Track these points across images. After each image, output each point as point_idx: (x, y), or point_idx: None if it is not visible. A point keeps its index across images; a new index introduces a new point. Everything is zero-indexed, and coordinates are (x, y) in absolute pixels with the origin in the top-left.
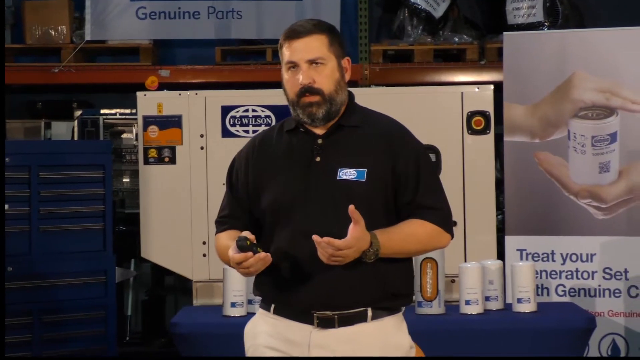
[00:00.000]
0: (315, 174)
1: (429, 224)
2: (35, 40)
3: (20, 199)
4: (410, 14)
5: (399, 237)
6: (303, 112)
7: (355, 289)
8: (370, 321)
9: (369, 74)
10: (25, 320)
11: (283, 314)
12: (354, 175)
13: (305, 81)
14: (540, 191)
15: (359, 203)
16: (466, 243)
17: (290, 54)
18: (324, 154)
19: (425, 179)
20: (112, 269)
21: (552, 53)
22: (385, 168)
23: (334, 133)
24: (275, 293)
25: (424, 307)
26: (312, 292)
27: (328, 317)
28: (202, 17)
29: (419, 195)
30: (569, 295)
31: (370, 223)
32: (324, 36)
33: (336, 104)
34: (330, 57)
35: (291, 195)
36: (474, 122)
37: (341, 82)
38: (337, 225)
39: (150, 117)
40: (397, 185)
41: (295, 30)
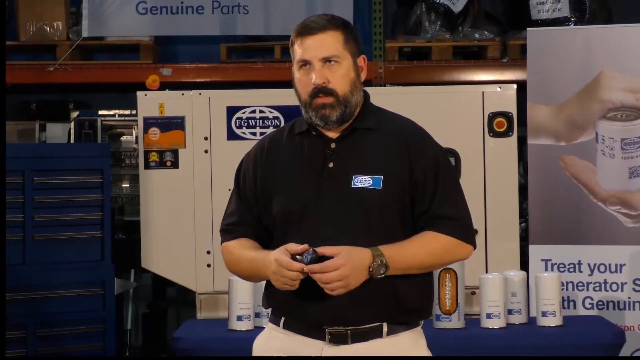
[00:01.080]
0: (328, 181)
1: (443, 236)
2: (29, 37)
3: (14, 205)
4: (428, 8)
5: (408, 250)
6: (316, 115)
7: (369, 303)
8: (386, 337)
9: (384, 72)
10: (18, 335)
11: (293, 329)
12: (369, 182)
13: (319, 81)
14: (566, 197)
15: (374, 212)
16: (487, 253)
17: (303, 52)
18: (337, 159)
19: (444, 187)
20: (110, 280)
21: (579, 50)
22: (402, 174)
23: (347, 137)
24: (285, 306)
25: (442, 321)
26: (323, 307)
27: (341, 333)
28: (206, 12)
29: (436, 204)
30: (597, 308)
31: (386, 233)
32: (338, 32)
33: (351, 106)
34: (345, 55)
35: (302, 203)
36: (495, 124)
37: (356, 83)
38: (350, 237)
39: (151, 118)
40: (414, 193)
41: (307, 26)
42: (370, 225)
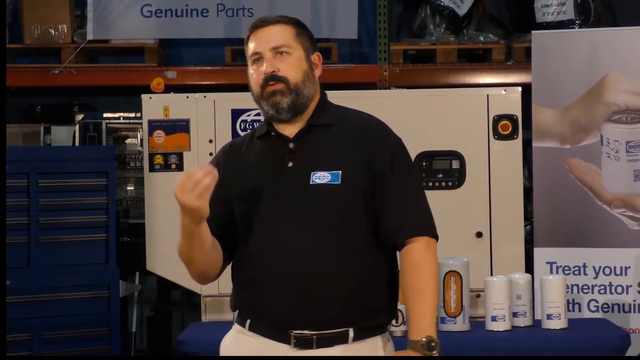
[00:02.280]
0: (288, 180)
1: (416, 248)
2: (34, 40)
3: (19, 208)
4: (433, 11)
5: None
6: (267, 103)
7: (336, 305)
8: (352, 342)
9: (388, 75)
10: (23, 337)
11: (259, 331)
12: (328, 178)
13: (269, 69)
14: (571, 200)
15: (335, 207)
16: (492, 255)
17: (256, 45)
18: (296, 158)
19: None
20: (115, 282)
21: (584, 53)
22: (360, 168)
23: (305, 134)
24: (250, 308)
25: (447, 324)
26: (288, 309)
27: (306, 337)
28: (210, 15)
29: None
30: (602, 311)
31: (349, 229)
32: (289, 26)
33: (303, 96)
34: (296, 46)
35: (263, 204)
36: (500, 127)
37: (309, 75)
38: (311, 236)
39: (156, 121)
40: (373, 185)
41: (260, 20)
42: (332, 221)
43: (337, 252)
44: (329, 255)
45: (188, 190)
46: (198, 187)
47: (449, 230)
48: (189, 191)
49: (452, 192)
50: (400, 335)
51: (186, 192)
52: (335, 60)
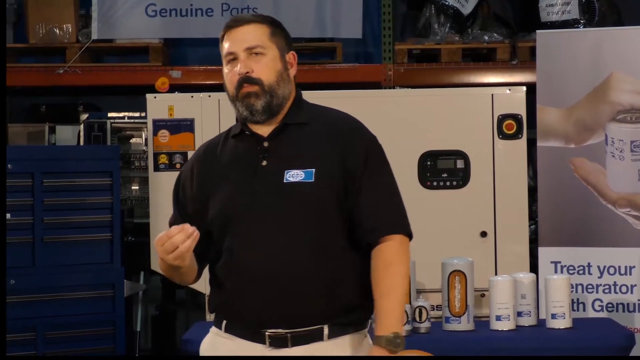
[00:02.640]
0: (262, 179)
1: (388, 248)
2: (39, 40)
3: (23, 207)
4: (437, 11)
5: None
6: (242, 105)
7: (309, 303)
8: (327, 340)
9: (393, 74)
10: (28, 337)
11: (235, 332)
12: (302, 176)
13: (243, 70)
14: (575, 200)
15: (309, 205)
16: (497, 255)
17: (230, 45)
18: (270, 157)
19: (373, 175)
20: (120, 282)
21: (588, 53)
22: (334, 165)
23: (280, 133)
24: (225, 309)
25: (451, 323)
26: (262, 308)
27: (280, 336)
28: (215, 15)
29: (366, 193)
30: (607, 311)
31: (323, 228)
32: (264, 26)
33: (277, 97)
34: (271, 46)
35: (238, 203)
36: (505, 126)
37: (284, 75)
38: (287, 235)
39: (161, 120)
40: (347, 183)
41: (234, 20)
42: (306, 219)
43: (311, 250)
44: (302, 254)
45: (167, 252)
46: (177, 252)
47: (453, 230)
48: (167, 253)
49: (457, 192)
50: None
51: (165, 253)
52: (339, 60)
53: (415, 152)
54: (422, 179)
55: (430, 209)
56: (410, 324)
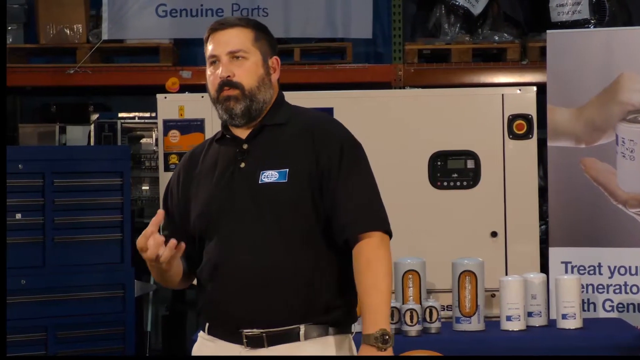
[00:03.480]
0: (239, 180)
1: (367, 245)
2: (49, 40)
3: (34, 207)
4: (448, 11)
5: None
6: (222, 108)
7: (283, 302)
8: (304, 340)
9: (403, 74)
10: (38, 336)
11: (216, 334)
12: (276, 177)
13: (224, 74)
14: (586, 200)
15: (283, 206)
16: (507, 255)
17: (213, 47)
18: (248, 158)
19: (348, 172)
20: (130, 282)
21: (599, 53)
22: (308, 165)
23: (257, 134)
24: (206, 310)
25: (462, 323)
26: (238, 308)
27: (256, 336)
28: (225, 15)
29: (342, 193)
30: (617, 311)
31: (298, 228)
32: (248, 30)
33: (257, 101)
34: (253, 51)
35: (216, 205)
36: (515, 126)
37: (265, 79)
38: (262, 234)
39: (171, 121)
40: (321, 183)
41: (218, 23)
42: (281, 219)
43: (285, 251)
44: (277, 254)
45: (150, 259)
46: (158, 262)
47: (463, 230)
48: (151, 260)
49: (467, 192)
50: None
51: (149, 260)
52: (349, 60)
53: (425, 152)
54: (432, 179)
55: (441, 209)
56: (421, 324)
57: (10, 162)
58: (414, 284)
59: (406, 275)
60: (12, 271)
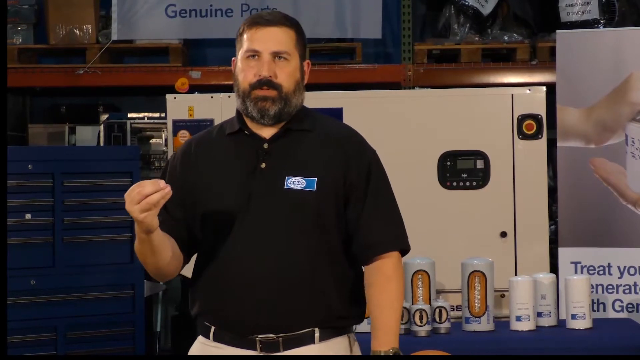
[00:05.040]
0: (260, 181)
1: (385, 266)
2: (59, 40)
3: (43, 208)
4: (457, 11)
5: (391, 320)
6: (254, 106)
7: (300, 308)
8: (318, 342)
9: (413, 75)
10: (48, 337)
11: (224, 340)
12: (303, 184)
13: (266, 74)
14: (596, 200)
15: (307, 215)
16: (517, 255)
17: (253, 42)
18: (270, 159)
19: (375, 190)
20: (140, 282)
21: (608, 53)
22: (336, 177)
23: (281, 137)
24: (214, 315)
25: (471, 324)
26: (253, 313)
27: (272, 341)
28: (235, 15)
29: (367, 209)
30: (627, 311)
31: (318, 237)
32: (292, 31)
33: (291, 105)
34: (295, 54)
35: (233, 204)
36: (525, 126)
37: (300, 84)
38: (282, 241)
39: (181, 121)
40: (348, 197)
41: (263, 18)
42: (304, 227)
43: (305, 258)
44: (296, 261)
45: (134, 202)
46: (144, 202)
47: (473, 230)
48: (134, 203)
49: (477, 192)
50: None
51: (132, 204)
52: (359, 60)
53: (435, 152)
54: (441, 180)
55: (450, 209)
56: (430, 324)
57: (19, 162)
58: (424, 284)
59: (415, 275)
60: (21, 271)
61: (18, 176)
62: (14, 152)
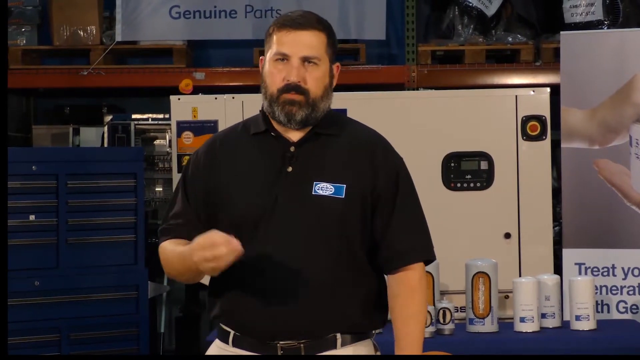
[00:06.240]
0: (287, 185)
1: (415, 281)
2: (63, 42)
3: (47, 209)
4: (461, 12)
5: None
6: (282, 110)
7: (321, 315)
8: (340, 347)
9: (417, 76)
10: (52, 338)
11: (243, 346)
12: (331, 190)
13: (295, 79)
14: (599, 201)
15: (334, 222)
16: (521, 256)
17: (284, 45)
18: (297, 163)
19: (403, 198)
20: (144, 283)
21: (612, 54)
22: (365, 184)
23: (308, 141)
24: (234, 320)
25: (475, 325)
26: (275, 320)
27: (293, 347)
28: (239, 16)
29: (395, 217)
30: (631, 312)
31: (344, 244)
32: (324, 34)
33: (318, 110)
34: (325, 59)
35: (258, 208)
36: (529, 128)
37: (329, 89)
38: (307, 246)
39: (185, 122)
40: (376, 204)
41: (294, 20)
42: (330, 233)
43: (330, 265)
44: (321, 268)
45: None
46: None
47: (477, 231)
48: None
49: (481, 193)
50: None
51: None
52: (363, 61)
53: (439, 153)
54: (445, 181)
55: (454, 210)
56: (434, 325)
57: (24, 163)
58: (428, 285)
59: None
60: (25, 272)
61: (22, 177)
62: (18, 154)
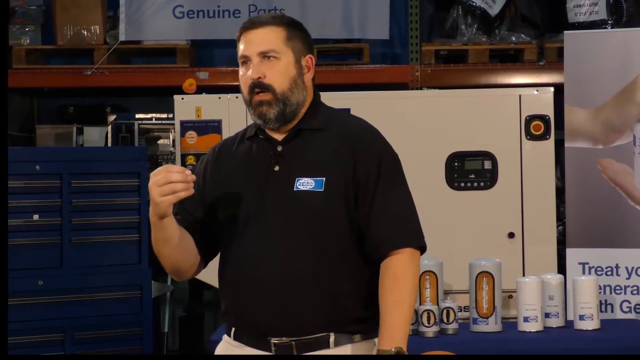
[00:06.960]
0: (273, 184)
1: (398, 261)
2: (66, 41)
3: (51, 208)
4: (465, 11)
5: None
6: (254, 112)
7: (310, 312)
8: (334, 347)
9: (420, 75)
10: (56, 337)
11: (243, 341)
12: (312, 185)
13: (255, 75)
14: (603, 200)
15: (317, 216)
16: (524, 256)
17: (244, 48)
18: (283, 162)
19: (385, 184)
20: (148, 283)
21: (616, 53)
22: (345, 174)
23: (294, 138)
24: (233, 316)
25: (479, 324)
26: (266, 316)
27: (285, 344)
28: (242, 16)
29: (377, 203)
30: (635, 312)
31: (331, 238)
32: (281, 29)
33: (291, 104)
34: (285, 51)
35: (246, 208)
36: (532, 127)
37: (298, 81)
38: (290, 242)
39: (188, 122)
40: (358, 192)
41: (250, 21)
42: (313, 228)
43: (317, 260)
44: (308, 263)
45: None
46: (166, 187)
47: (481, 231)
48: (157, 185)
49: (484, 193)
50: (432, 336)
51: (155, 185)
52: (366, 61)
53: (442, 153)
54: (449, 180)
55: (458, 210)
56: (438, 325)
57: (27, 163)
58: (431, 285)
59: (423, 276)
60: (29, 272)
61: (26, 177)
62: (22, 153)
